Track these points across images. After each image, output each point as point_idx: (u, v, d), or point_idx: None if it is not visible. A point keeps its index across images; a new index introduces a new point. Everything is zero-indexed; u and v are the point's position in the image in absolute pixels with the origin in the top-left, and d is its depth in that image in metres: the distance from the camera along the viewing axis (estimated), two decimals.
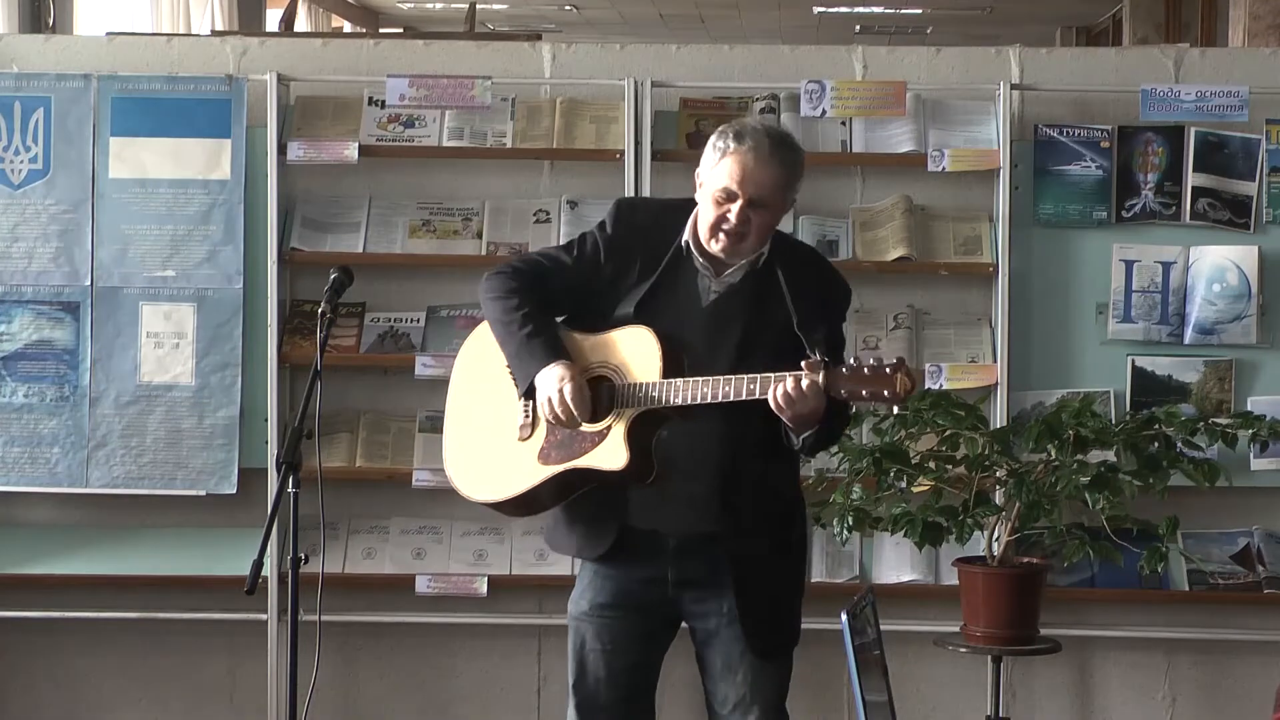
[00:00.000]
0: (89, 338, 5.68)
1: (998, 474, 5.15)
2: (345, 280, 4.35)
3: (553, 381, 3.81)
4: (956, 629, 5.23)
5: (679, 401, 3.76)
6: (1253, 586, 5.62)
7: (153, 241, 5.69)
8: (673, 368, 3.79)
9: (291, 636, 4.22)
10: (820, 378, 3.69)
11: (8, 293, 5.71)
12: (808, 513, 4.14)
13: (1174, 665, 5.77)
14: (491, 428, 3.96)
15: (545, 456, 3.88)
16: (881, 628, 3.70)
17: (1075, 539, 5.12)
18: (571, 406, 3.79)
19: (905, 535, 5.13)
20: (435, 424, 5.68)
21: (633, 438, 3.79)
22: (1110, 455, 5.19)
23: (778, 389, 3.69)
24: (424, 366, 5.61)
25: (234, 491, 5.65)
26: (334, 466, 5.55)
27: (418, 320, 5.73)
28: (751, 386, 3.72)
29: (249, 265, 5.66)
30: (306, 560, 4.25)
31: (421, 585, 5.61)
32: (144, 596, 5.71)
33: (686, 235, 3.91)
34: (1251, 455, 5.54)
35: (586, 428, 3.83)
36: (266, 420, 5.63)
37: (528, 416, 3.91)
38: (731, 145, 3.83)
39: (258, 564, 4.03)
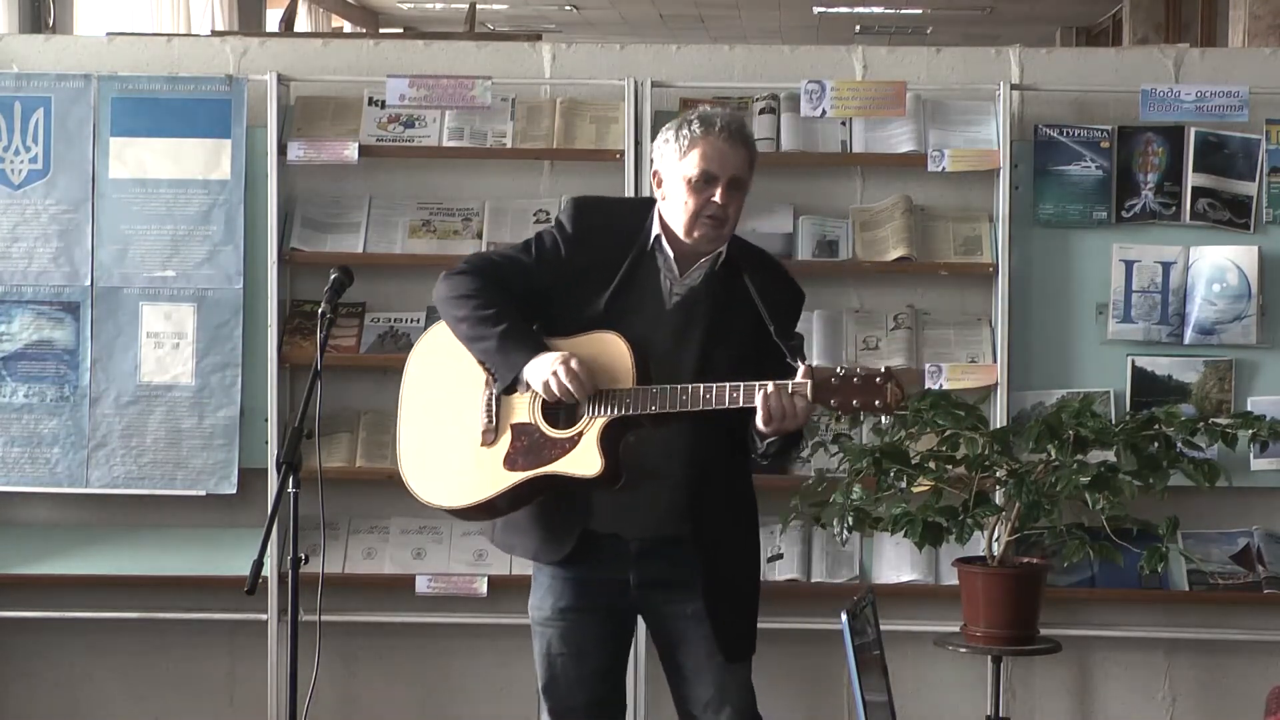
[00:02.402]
0: (89, 338, 5.69)
1: (998, 474, 5.14)
2: (345, 280, 4.35)
3: (549, 363, 3.76)
4: (956, 629, 5.23)
5: (656, 409, 3.74)
6: (1252, 586, 5.62)
7: (153, 241, 5.69)
8: (644, 375, 3.77)
9: (291, 636, 4.21)
10: (809, 389, 3.67)
11: (8, 293, 5.71)
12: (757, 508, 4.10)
13: (1174, 665, 5.77)
14: (451, 433, 3.92)
15: (511, 463, 3.84)
16: (881, 628, 3.70)
17: (1075, 539, 5.12)
18: (580, 377, 3.73)
19: (905, 535, 5.12)
20: None
21: (605, 443, 3.76)
22: (1110, 455, 5.19)
23: (769, 401, 3.66)
24: None
25: (234, 491, 5.65)
26: (334, 466, 5.55)
27: (418, 320, 5.73)
28: (735, 394, 3.69)
29: (249, 265, 5.66)
30: (306, 560, 4.25)
31: (421, 585, 5.61)
32: (144, 596, 5.71)
33: (656, 230, 3.89)
34: (1251, 455, 5.54)
35: (555, 433, 3.81)
36: (266, 420, 5.63)
37: (491, 421, 3.88)
38: (699, 131, 3.83)
39: (258, 564, 4.03)
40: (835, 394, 3.68)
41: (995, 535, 5.14)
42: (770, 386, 3.67)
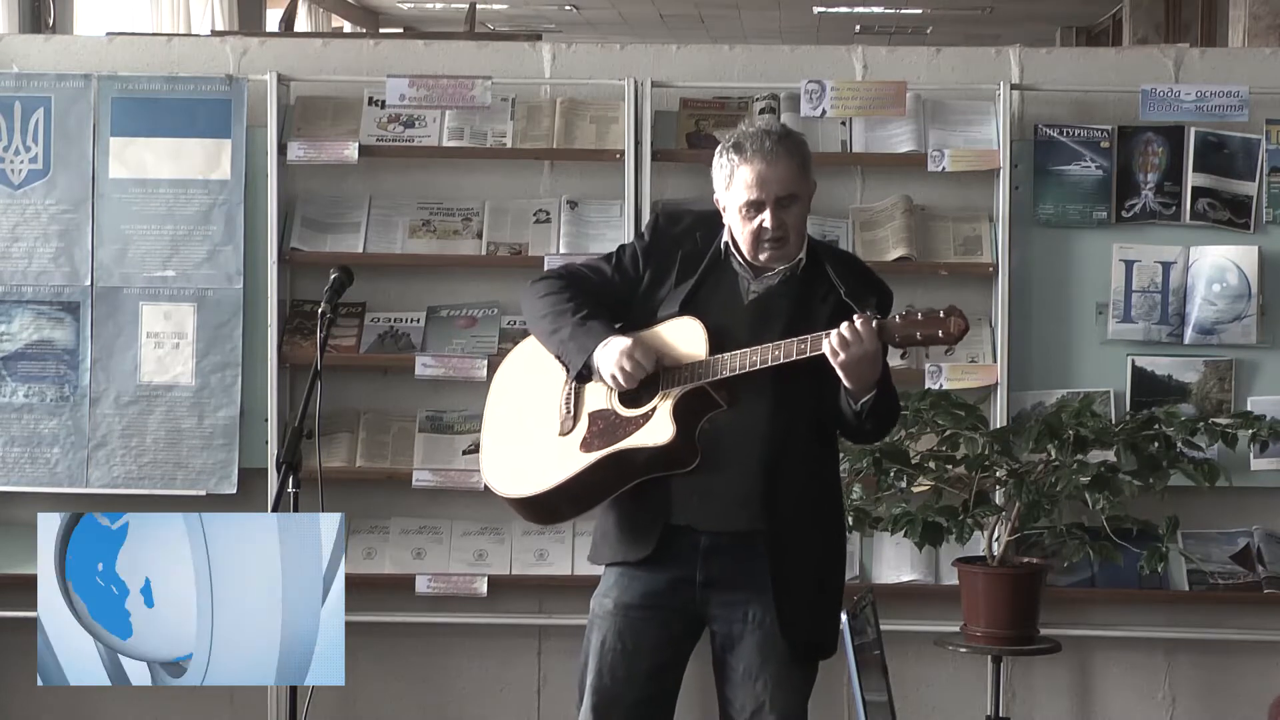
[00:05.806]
0: (89, 338, 5.69)
1: (998, 474, 5.15)
2: (345, 280, 4.35)
3: (615, 351, 3.79)
4: (956, 629, 5.23)
5: (727, 372, 3.74)
6: (1253, 586, 5.61)
7: (153, 241, 5.69)
8: (718, 348, 3.78)
9: None
10: (871, 318, 3.68)
11: (8, 293, 5.71)
12: (844, 506, 4.08)
13: (1174, 665, 5.77)
14: (531, 428, 3.93)
15: (588, 445, 3.84)
16: (881, 628, 3.71)
17: (1075, 539, 5.13)
18: (641, 362, 3.75)
19: (905, 535, 5.13)
20: (435, 424, 5.69)
21: (679, 415, 3.76)
22: (1110, 455, 5.19)
23: (831, 336, 3.67)
24: (424, 366, 5.61)
25: (234, 491, 5.65)
26: (334, 466, 5.55)
27: (418, 320, 5.74)
28: (801, 346, 3.70)
29: (249, 265, 5.66)
30: None
31: (421, 585, 5.61)
32: None
33: (725, 237, 3.90)
34: (1251, 455, 5.54)
35: (631, 412, 3.81)
36: (266, 420, 5.63)
37: (569, 412, 3.89)
38: (735, 159, 3.83)
39: None
40: (899, 330, 3.71)
41: (995, 535, 5.14)
42: (834, 329, 3.68)
